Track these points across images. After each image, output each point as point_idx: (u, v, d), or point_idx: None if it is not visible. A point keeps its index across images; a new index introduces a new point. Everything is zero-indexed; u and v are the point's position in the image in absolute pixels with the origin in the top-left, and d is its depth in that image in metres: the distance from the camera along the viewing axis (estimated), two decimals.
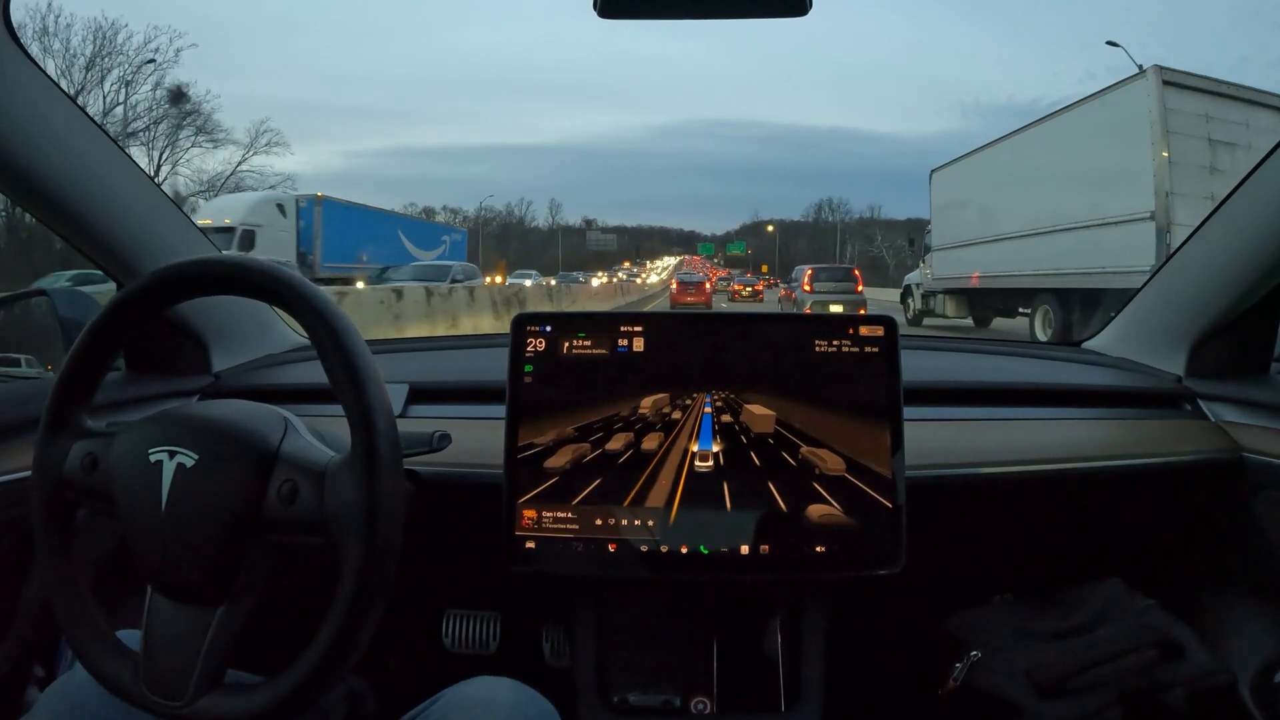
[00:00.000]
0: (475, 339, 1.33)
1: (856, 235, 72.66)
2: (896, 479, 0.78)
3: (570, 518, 0.80)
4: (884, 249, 59.63)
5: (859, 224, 75.65)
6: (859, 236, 72.12)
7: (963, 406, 1.01)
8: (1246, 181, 0.91)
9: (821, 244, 73.11)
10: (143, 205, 0.93)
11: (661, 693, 0.87)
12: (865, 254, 63.38)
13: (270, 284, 0.58)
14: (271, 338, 1.19)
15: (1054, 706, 0.88)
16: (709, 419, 0.80)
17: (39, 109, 0.78)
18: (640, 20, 0.75)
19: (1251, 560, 0.97)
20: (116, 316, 0.61)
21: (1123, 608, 0.95)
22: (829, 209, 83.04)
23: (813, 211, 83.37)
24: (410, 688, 0.77)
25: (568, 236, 79.51)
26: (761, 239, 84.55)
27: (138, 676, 0.56)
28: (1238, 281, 0.94)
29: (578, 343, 0.82)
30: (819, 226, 79.50)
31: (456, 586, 1.14)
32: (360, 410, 0.55)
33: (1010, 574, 1.08)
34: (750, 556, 0.79)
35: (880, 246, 59.60)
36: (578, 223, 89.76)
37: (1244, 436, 0.94)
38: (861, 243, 69.47)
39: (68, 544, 0.60)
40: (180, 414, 0.59)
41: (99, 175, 0.86)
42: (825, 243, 72.85)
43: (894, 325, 0.82)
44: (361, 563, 0.53)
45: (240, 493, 0.55)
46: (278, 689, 0.54)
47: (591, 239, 75.12)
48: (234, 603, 0.56)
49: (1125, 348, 1.16)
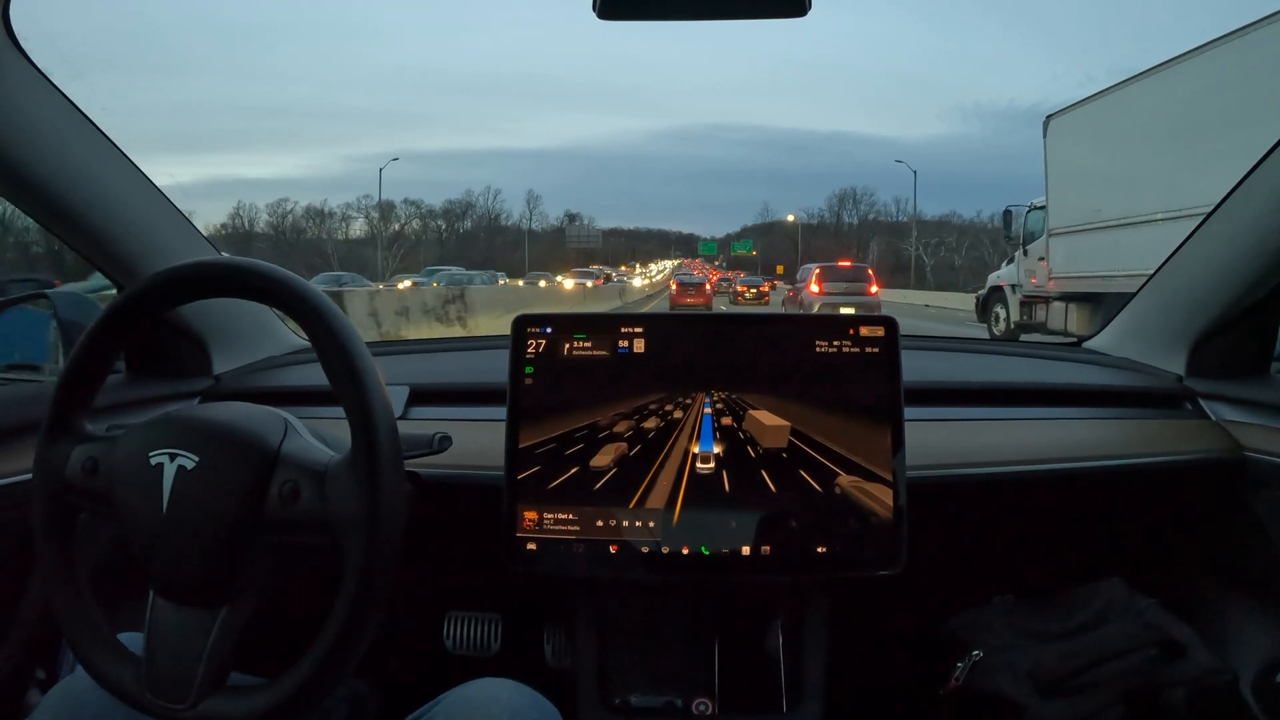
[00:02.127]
0: (475, 341, 1.33)
1: (883, 232, 68.12)
2: (897, 479, 0.78)
3: (571, 519, 0.80)
4: (919, 246, 54.65)
5: (882, 225, 69.65)
6: (887, 233, 67.17)
7: (964, 406, 1.01)
8: (1246, 180, 0.91)
9: (841, 243, 67.28)
10: (143, 208, 0.93)
11: (663, 694, 0.87)
12: (898, 252, 58.97)
13: (271, 286, 0.58)
14: (272, 340, 1.19)
15: (1055, 706, 0.88)
16: (709, 420, 0.80)
17: (40, 111, 0.78)
18: (640, 22, 0.76)
19: (1253, 559, 0.97)
20: (117, 320, 0.61)
21: (1124, 607, 0.95)
22: (852, 201, 76.09)
23: (833, 204, 77.29)
24: (412, 689, 0.77)
25: (547, 236, 74.46)
26: (773, 237, 78.12)
27: (140, 680, 0.56)
28: (1238, 281, 0.94)
29: (578, 344, 0.82)
30: (839, 228, 73.81)
31: (458, 588, 1.14)
32: (361, 411, 0.55)
33: (1011, 574, 1.08)
34: (751, 557, 0.79)
35: (916, 244, 54.31)
36: (560, 220, 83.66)
37: (1245, 436, 0.94)
38: (891, 237, 64.62)
39: (69, 547, 0.60)
40: (181, 416, 0.59)
41: (99, 178, 0.86)
42: (845, 241, 68.02)
43: (894, 325, 0.82)
44: (363, 562, 0.53)
45: (241, 493, 0.55)
46: (280, 690, 0.54)
47: (572, 234, 66.12)
48: (236, 604, 0.56)
49: (1126, 347, 1.16)
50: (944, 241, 57.60)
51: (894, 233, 66.37)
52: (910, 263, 51.46)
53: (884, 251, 62.37)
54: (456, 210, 73.52)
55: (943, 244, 57.16)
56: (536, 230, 77.57)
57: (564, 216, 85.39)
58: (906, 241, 57.91)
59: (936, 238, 58.23)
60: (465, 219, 73.85)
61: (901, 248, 59.32)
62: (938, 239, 58.04)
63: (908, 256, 54.08)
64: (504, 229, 76.72)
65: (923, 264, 53.22)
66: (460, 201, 74.68)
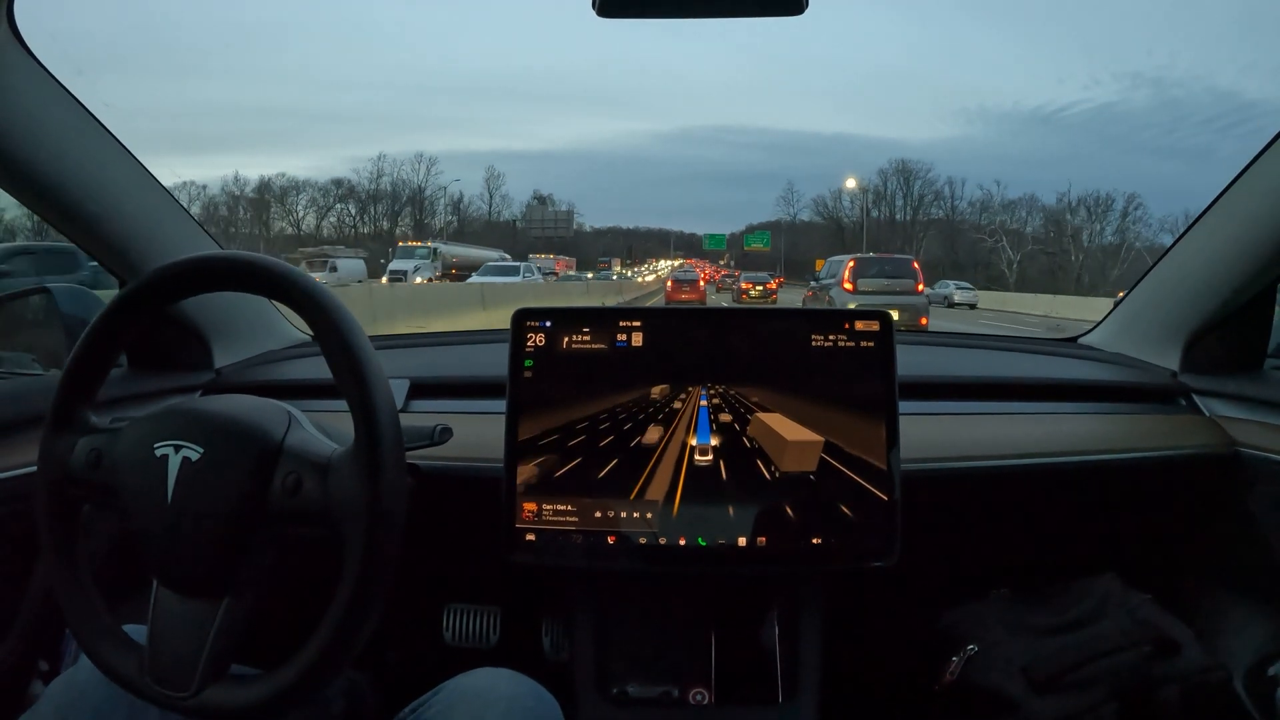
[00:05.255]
0: (476, 335, 1.34)
1: (933, 230, 52.14)
2: (892, 472, 0.79)
3: (570, 510, 0.80)
4: (1003, 243, 43.74)
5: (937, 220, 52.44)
6: (940, 230, 51.35)
7: (959, 401, 1.01)
8: (1241, 177, 0.92)
9: (896, 235, 51.66)
10: (145, 203, 0.94)
11: (660, 684, 0.87)
12: (974, 244, 46.69)
13: (274, 280, 0.58)
14: (272, 334, 1.19)
15: (1049, 701, 0.88)
16: (705, 413, 0.81)
17: (43, 107, 0.78)
18: (641, 21, 0.76)
19: (1245, 555, 0.98)
20: (120, 313, 0.62)
21: (1118, 603, 0.96)
22: (902, 175, 55.90)
23: (889, 176, 56.22)
24: (410, 681, 0.78)
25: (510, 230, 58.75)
26: (796, 235, 59.22)
27: (143, 668, 0.57)
28: (1232, 277, 0.95)
29: (577, 337, 0.83)
30: (891, 209, 55.41)
31: (457, 581, 1.14)
32: (363, 404, 0.55)
33: (1007, 569, 1.08)
34: (748, 549, 0.79)
35: (999, 235, 43.16)
36: (529, 201, 65.37)
37: (1238, 431, 0.95)
38: (954, 232, 49.68)
39: (73, 539, 0.61)
40: (185, 408, 0.60)
41: (102, 173, 0.87)
42: (889, 237, 51.87)
43: (889, 319, 0.83)
44: (364, 553, 0.54)
45: (245, 485, 0.56)
46: (281, 680, 0.55)
47: (533, 220, 52.47)
48: (238, 595, 0.57)
49: (1120, 343, 1.17)
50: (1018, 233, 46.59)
51: (947, 227, 52.20)
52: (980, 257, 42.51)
53: (947, 242, 49.86)
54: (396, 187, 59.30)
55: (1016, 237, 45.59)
56: (504, 220, 63.11)
57: (532, 198, 67.00)
58: (986, 231, 46.92)
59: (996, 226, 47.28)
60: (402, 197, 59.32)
61: (978, 238, 47.77)
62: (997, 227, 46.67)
63: (978, 250, 44.35)
64: (471, 219, 62.48)
65: (997, 258, 42.86)
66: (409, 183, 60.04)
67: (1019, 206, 49.54)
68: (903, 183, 56.41)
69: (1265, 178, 0.89)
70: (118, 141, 0.88)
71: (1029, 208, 49.56)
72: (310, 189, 57.85)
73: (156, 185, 0.95)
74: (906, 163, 58.11)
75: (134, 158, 0.91)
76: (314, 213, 57.38)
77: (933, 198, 54.83)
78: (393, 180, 59.44)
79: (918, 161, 66.41)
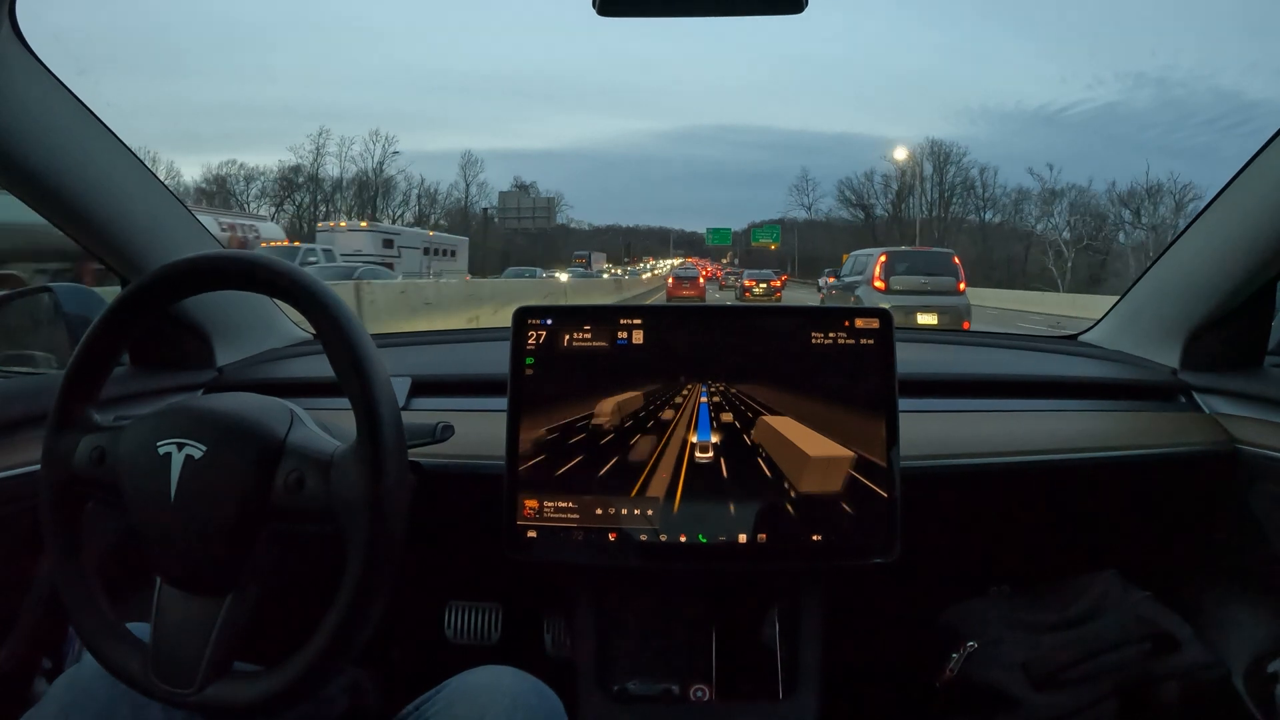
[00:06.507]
0: (477, 332, 1.34)
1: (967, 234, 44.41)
2: (892, 469, 0.80)
3: (571, 507, 0.81)
4: (1061, 242, 37.33)
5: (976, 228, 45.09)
6: (974, 232, 44.47)
7: (959, 398, 1.01)
8: (1241, 175, 0.92)
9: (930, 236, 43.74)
10: (147, 202, 0.94)
11: (661, 681, 0.88)
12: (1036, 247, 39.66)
13: (278, 280, 0.59)
14: (274, 332, 1.20)
15: (1049, 698, 0.88)
16: (705, 409, 0.81)
17: (44, 106, 0.78)
18: (641, 21, 0.76)
19: (1245, 552, 0.98)
20: (123, 312, 0.62)
21: (1118, 600, 0.96)
22: (940, 154, 47.71)
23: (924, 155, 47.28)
24: (412, 678, 0.78)
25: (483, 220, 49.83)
26: (811, 230, 52.48)
27: (146, 665, 0.57)
28: (1232, 275, 0.95)
29: (578, 335, 0.83)
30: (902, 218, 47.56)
31: (458, 578, 1.14)
32: (365, 402, 0.56)
33: (1006, 566, 1.09)
34: (748, 546, 0.80)
35: (1063, 226, 36.71)
36: (510, 187, 55.64)
37: (1238, 429, 0.95)
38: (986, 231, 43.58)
39: (76, 537, 0.61)
40: (188, 406, 0.60)
41: (104, 172, 0.87)
42: (913, 233, 44.05)
43: (889, 317, 0.83)
44: (367, 550, 0.54)
45: (248, 482, 0.56)
46: (283, 676, 0.55)
47: (508, 209, 43.23)
48: (241, 591, 0.57)
49: (1120, 340, 1.17)
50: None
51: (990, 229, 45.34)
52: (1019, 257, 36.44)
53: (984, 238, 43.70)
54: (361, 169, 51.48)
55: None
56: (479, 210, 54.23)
57: (513, 184, 58.01)
58: (1048, 222, 39.93)
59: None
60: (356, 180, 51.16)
61: (1045, 232, 40.60)
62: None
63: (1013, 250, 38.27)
64: (450, 211, 54.34)
65: (1042, 253, 37.01)
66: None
67: (1063, 196, 42.28)
68: (939, 164, 48.77)
69: (1265, 175, 0.89)
70: (118, 140, 0.88)
71: (1073, 197, 42.52)
72: (262, 178, 50.79)
73: (158, 184, 0.96)
74: (941, 144, 50.16)
75: (135, 157, 0.91)
76: (268, 202, 50.44)
77: (965, 188, 48.04)
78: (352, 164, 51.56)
79: (951, 144, 58.31)
